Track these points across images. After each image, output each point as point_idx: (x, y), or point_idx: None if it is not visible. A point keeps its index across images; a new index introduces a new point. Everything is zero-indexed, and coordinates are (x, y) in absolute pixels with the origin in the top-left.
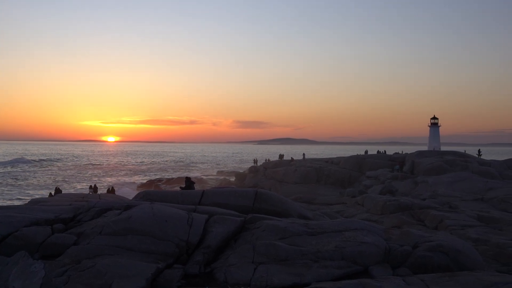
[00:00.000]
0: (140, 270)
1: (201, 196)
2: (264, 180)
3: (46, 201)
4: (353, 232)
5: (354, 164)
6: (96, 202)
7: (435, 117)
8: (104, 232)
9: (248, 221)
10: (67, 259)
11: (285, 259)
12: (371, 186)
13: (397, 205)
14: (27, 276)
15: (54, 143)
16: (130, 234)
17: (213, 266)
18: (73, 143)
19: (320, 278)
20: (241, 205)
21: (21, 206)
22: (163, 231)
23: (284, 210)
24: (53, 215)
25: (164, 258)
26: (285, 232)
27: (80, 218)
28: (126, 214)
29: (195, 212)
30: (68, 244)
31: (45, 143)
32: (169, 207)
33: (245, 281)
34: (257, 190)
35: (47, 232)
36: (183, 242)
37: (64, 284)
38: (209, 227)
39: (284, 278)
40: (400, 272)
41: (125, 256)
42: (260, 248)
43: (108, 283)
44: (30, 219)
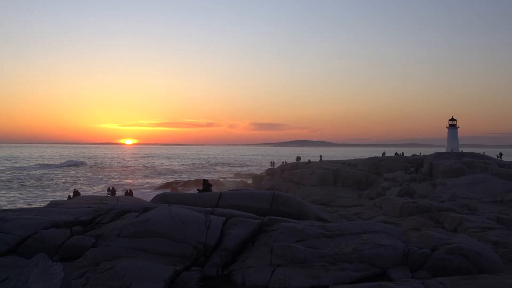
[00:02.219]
0: (158, 272)
1: (219, 199)
2: (281, 182)
3: (65, 204)
4: (371, 234)
5: (372, 166)
6: (115, 205)
7: (454, 118)
8: (122, 234)
9: (266, 223)
10: (86, 261)
11: (302, 261)
12: (389, 188)
13: (416, 207)
14: (46, 278)
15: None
16: (148, 237)
17: (230, 268)
18: (91, 146)
19: (338, 280)
20: (258, 207)
21: (41, 208)
22: (181, 233)
23: (301, 212)
24: (72, 217)
25: (181, 260)
26: (302, 234)
27: (99, 220)
28: (144, 217)
29: (212, 215)
30: (87, 246)
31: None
32: (186, 209)
33: (262, 284)
34: (274, 192)
35: (66, 234)
36: (200, 244)
37: (83, 286)
38: (226, 229)
39: (302, 280)
40: (418, 275)
41: (143, 258)
42: (277, 250)
43: (127, 285)
44: (50, 221)
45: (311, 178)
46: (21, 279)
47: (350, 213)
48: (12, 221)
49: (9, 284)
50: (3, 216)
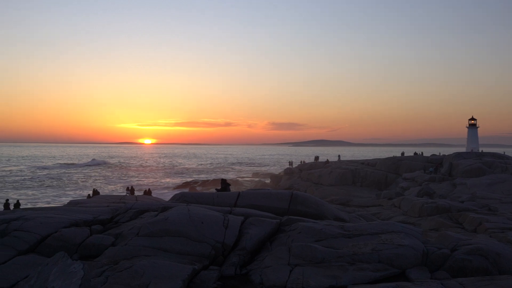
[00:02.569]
0: (177, 271)
1: (237, 198)
2: (299, 182)
3: (85, 203)
4: (390, 234)
5: (391, 166)
6: (133, 204)
7: (473, 118)
8: (141, 233)
9: (284, 223)
10: (105, 259)
11: (321, 261)
12: (408, 188)
13: (435, 207)
14: (66, 277)
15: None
16: (167, 236)
17: (249, 268)
18: (110, 146)
19: (357, 280)
20: (276, 207)
21: (61, 207)
22: (199, 232)
23: (319, 212)
24: (91, 216)
25: (200, 259)
26: (321, 234)
27: (118, 219)
28: (162, 216)
29: (230, 214)
30: (106, 245)
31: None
32: (205, 208)
33: (281, 283)
34: (292, 192)
35: (86, 233)
36: (219, 243)
37: (103, 285)
38: (244, 229)
39: (320, 280)
40: (438, 276)
41: (162, 257)
42: (296, 250)
43: (145, 283)
44: (70, 220)
45: (329, 178)
46: (41, 277)
47: (368, 213)
48: (32, 220)
49: (29, 282)
50: (24, 215)
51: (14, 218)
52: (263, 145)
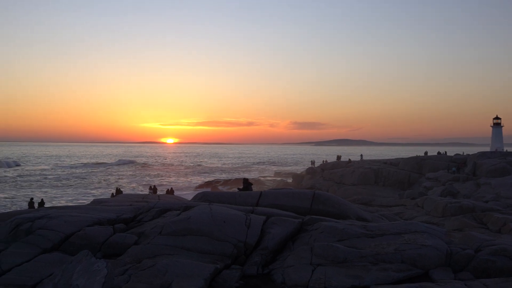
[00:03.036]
0: (199, 270)
1: (259, 197)
2: (321, 182)
3: (108, 202)
4: (413, 234)
5: (414, 165)
6: (156, 203)
7: (498, 117)
8: (163, 232)
9: (306, 223)
10: (128, 258)
11: (343, 261)
12: (431, 188)
13: (459, 207)
14: (90, 275)
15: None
16: (189, 235)
17: (271, 267)
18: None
19: (379, 281)
20: (298, 206)
21: (84, 206)
22: (221, 232)
23: (342, 211)
24: (114, 215)
25: (222, 258)
26: (343, 234)
27: (141, 218)
28: (185, 215)
29: (252, 213)
30: (129, 243)
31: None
32: (227, 208)
33: (303, 283)
34: (314, 191)
35: (109, 231)
36: (241, 243)
37: (126, 283)
38: (266, 228)
39: (343, 280)
40: (461, 276)
41: (184, 256)
42: (318, 249)
43: (168, 282)
44: (93, 219)
45: (351, 177)
46: (66, 275)
47: (391, 213)
48: (56, 219)
49: (53, 280)
50: (48, 213)
51: (39, 216)
52: (285, 145)
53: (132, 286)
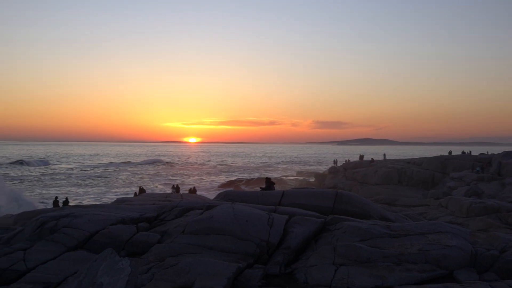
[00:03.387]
0: (222, 269)
1: (281, 197)
2: (344, 181)
3: (131, 200)
4: (437, 235)
5: (438, 165)
6: (179, 202)
7: None
8: (186, 231)
9: (329, 222)
10: (151, 256)
11: (366, 261)
12: (455, 188)
13: (483, 207)
14: (114, 273)
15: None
16: (212, 234)
17: (293, 267)
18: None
19: (403, 281)
20: (321, 206)
21: (108, 205)
22: (244, 231)
23: (365, 211)
24: (138, 214)
25: (244, 257)
26: (366, 233)
27: (164, 217)
28: (207, 214)
29: (275, 213)
30: (152, 242)
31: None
32: (249, 207)
33: (326, 283)
34: (337, 191)
35: (133, 230)
36: (263, 242)
37: (149, 281)
38: (289, 227)
39: (366, 280)
40: (486, 277)
41: (207, 255)
42: (341, 249)
43: (191, 281)
44: (117, 218)
45: (374, 177)
46: (90, 273)
47: (415, 213)
48: (81, 217)
49: (78, 278)
50: (73, 212)
51: (64, 215)
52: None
53: (156, 284)
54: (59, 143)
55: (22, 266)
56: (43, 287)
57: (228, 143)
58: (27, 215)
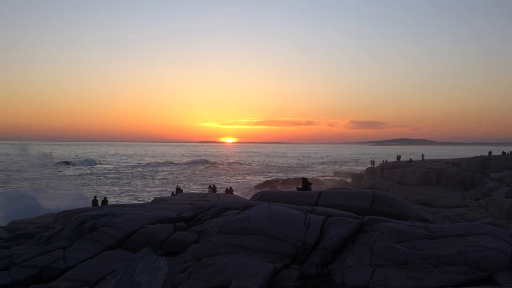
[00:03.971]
0: (258, 269)
1: (318, 197)
2: (381, 182)
3: (169, 200)
4: (477, 236)
5: (477, 166)
6: (216, 202)
7: None
8: (223, 231)
9: (366, 223)
10: (188, 256)
11: (404, 262)
12: (495, 189)
13: None
14: (151, 272)
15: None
16: (248, 234)
17: (330, 268)
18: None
19: (441, 283)
20: (358, 206)
21: (146, 204)
22: (280, 231)
23: (402, 212)
24: (175, 213)
25: (281, 258)
26: (404, 235)
27: (201, 217)
28: (244, 214)
29: (312, 213)
30: (189, 242)
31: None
32: (286, 207)
33: (362, 284)
34: (374, 191)
35: (170, 230)
36: (300, 242)
37: (186, 280)
38: (326, 228)
39: (404, 282)
40: None
41: (243, 255)
42: (378, 250)
43: (228, 280)
44: (155, 217)
45: (412, 177)
46: (128, 272)
47: (453, 214)
48: (119, 217)
49: (116, 276)
50: (111, 211)
51: (102, 214)
52: (345, 144)
53: (192, 284)
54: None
55: (62, 265)
56: (82, 285)
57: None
58: (67, 214)
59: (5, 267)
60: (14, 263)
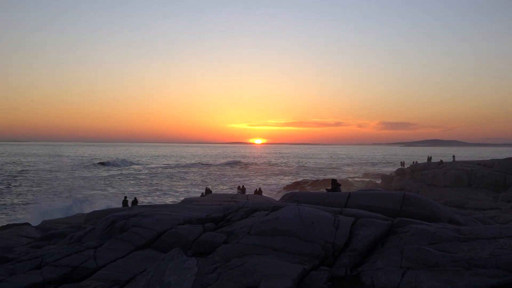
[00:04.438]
0: (287, 271)
1: (347, 198)
2: (411, 183)
3: (198, 201)
4: (509, 239)
5: (510, 167)
6: (245, 203)
7: None
8: (252, 232)
9: (396, 225)
10: (217, 257)
11: (434, 265)
12: None
13: None
14: (181, 272)
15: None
16: (277, 235)
17: (359, 269)
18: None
19: (473, 286)
20: (388, 208)
21: (175, 205)
22: (309, 232)
23: (433, 214)
24: (204, 214)
25: (310, 259)
26: (434, 237)
27: (230, 217)
28: (273, 215)
29: (341, 214)
30: (218, 242)
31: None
32: (315, 208)
33: (393, 286)
34: (404, 193)
35: (199, 230)
36: (329, 244)
37: (215, 281)
38: (355, 229)
39: (434, 285)
40: None
41: (272, 256)
42: (408, 253)
43: (257, 281)
44: (184, 218)
45: (443, 179)
46: (158, 271)
47: (485, 216)
48: (149, 217)
49: (146, 276)
50: (141, 211)
51: (132, 214)
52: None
53: (221, 284)
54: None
55: (93, 264)
56: (113, 284)
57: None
58: (98, 214)
59: (37, 266)
60: (46, 263)
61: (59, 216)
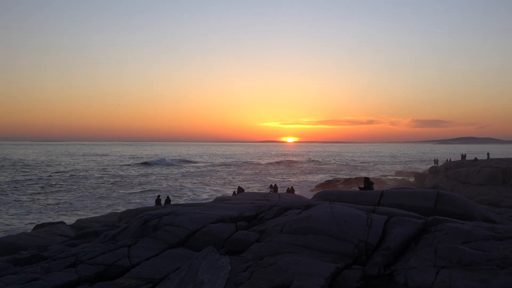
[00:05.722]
0: (320, 269)
1: (380, 197)
2: (445, 181)
3: (230, 199)
4: None
5: None
6: (277, 201)
7: None
8: (284, 230)
9: (429, 223)
10: (250, 255)
11: (469, 264)
12: None
13: None
14: (214, 270)
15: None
16: (310, 233)
17: (392, 268)
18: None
19: (508, 285)
20: (421, 206)
21: (208, 204)
22: (342, 231)
23: (467, 212)
24: (237, 213)
25: (342, 258)
26: (469, 235)
27: (262, 216)
28: (306, 214)
29: (374, 213)
30: (251, 241)
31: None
32: (348, 207)
33: (426, 285)
34: (438, 191)
35: (232, 229)
36: (362, 242)
37: (248, 279)
38: (388, 228)
39: (468, 284)
40: None
41: (305, 254)
42: (442, 251)
43: (289, 280)
44: (217, 216)
45: (477, 177)
46: (191, 270)
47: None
48: (182, 216)
49: (180, 274)
50: (174, 210)
51: (166, 213)
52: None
53: (254, 283)
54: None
55: (127, 262)
56: (146, 282)
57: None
58: (131, 213)
59: (72, 264)
60: (80, 261)
61: (93, 215)
